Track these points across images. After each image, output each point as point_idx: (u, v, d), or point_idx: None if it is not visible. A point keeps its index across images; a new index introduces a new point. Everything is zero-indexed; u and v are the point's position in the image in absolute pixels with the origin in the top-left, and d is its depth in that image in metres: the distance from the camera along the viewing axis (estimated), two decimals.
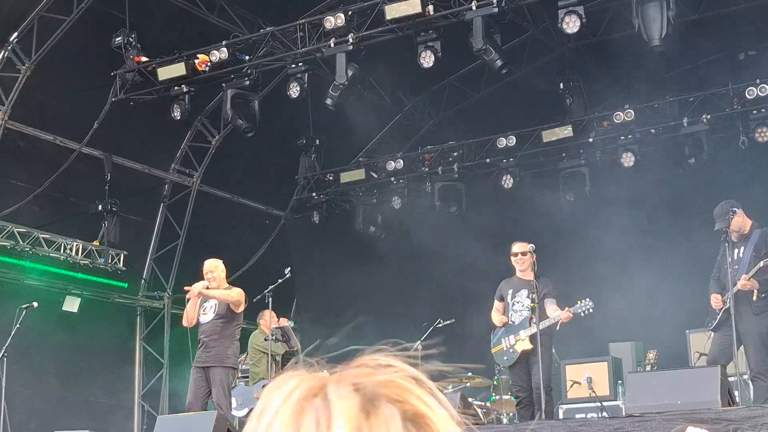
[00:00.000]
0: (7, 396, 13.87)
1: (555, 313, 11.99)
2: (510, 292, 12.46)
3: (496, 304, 12.65)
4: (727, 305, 11.36)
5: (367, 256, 19.85)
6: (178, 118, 16.85)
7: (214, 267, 12.82)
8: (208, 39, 16.54)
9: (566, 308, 12.00)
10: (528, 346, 12.10)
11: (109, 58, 16.54)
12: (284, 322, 15.05)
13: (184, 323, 13.03)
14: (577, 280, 14.72)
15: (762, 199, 14.85)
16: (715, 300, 11.68)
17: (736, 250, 11.73)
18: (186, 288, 12.92)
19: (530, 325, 12.12)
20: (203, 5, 17.13)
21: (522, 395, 12.40)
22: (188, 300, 12.78)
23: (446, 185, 19.52)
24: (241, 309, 12.67)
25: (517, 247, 12.50)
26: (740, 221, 11.71)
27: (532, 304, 12.12)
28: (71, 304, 17.74)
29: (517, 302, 12.37)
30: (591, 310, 12.07)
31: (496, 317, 12.61)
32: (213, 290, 12.63)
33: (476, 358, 16.46)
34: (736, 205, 11.75)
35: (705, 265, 13.37)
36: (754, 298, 11.35)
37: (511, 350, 12.39)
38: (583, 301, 12.08)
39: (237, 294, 12.61)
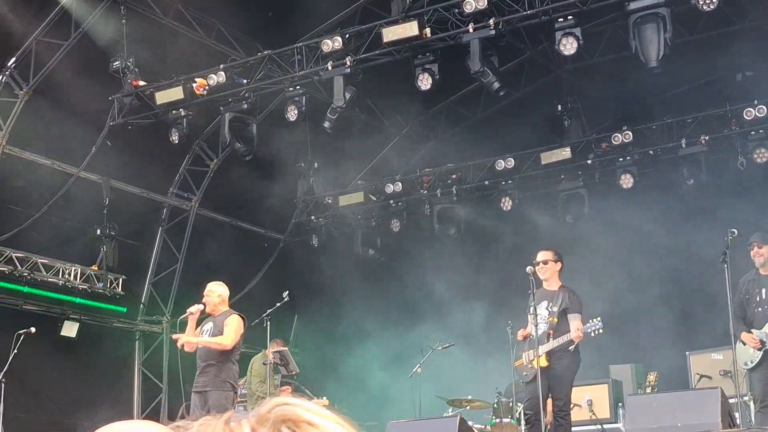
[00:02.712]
0: (5, 421, 13.82)
1: (573, 333, 11.75)
2: (533, 303, 12.11)
3: (529, 316, 12.36)
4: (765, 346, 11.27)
5: (366, 279, 19.82)
6: (176, 141, 16.82)
7: (209, 291, 12.73)
8: (205, 63, 16.55)
9: (576, 328, 11.78)
10: (544, 363, 11.83)
11: (107, 82, 16.53)
12: (278, 345, 14.93)
13: (186, 349, 12.96)
14: None
15: (761, 220, 14.82)
16: (752, 340, 11.50)
17: (764, 290, 11.60)
18: (175, 337, 12.85)
19: (548, 341, 11.83)
20: (201, 29, 17.15)
21: (530, 413, 12.14)
22: (181, 323, 12.76)
23: (445, 208, 19.49)
24: (236, 340, 12.57)
25: (538, 255, 12.22)
26: (766, 255, 11.56)
27: (550, 318, 11.90)
28: (69, 329, 17.70)
29: (539, 315, 12.02)
30: (601, 331, 11.82)
31: (521, 330, 12.33)
32: (203, 339, 12.49)
33: (477, 380, 16.45)
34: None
35: (705, 286, 13.34)
36: None
37: (529, 366, 12.16)
38: (594, 320, 11.86)
39: (226, 337, 12.45)
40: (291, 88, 16.10)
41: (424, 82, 14.87)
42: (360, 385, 18.10)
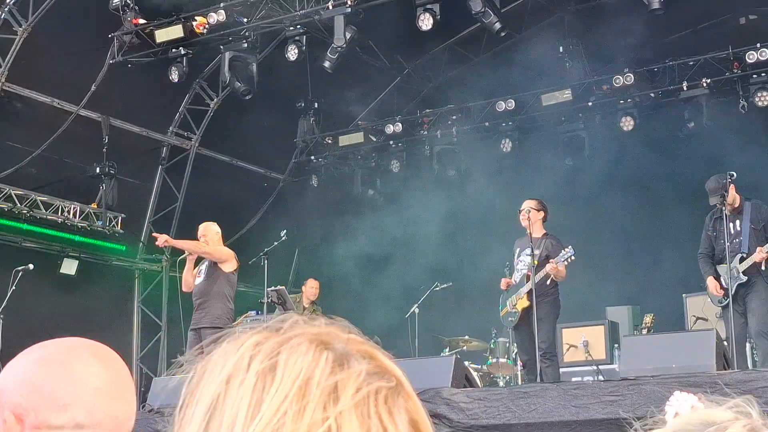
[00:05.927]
0: (2, 357, 13.87)
1: (548, 266, 11.89)
2: (518, 250, 12.34)
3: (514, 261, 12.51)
4: (734, 282, 11.37)
5: (366, 219, 19.84)
6: (176, 80, 16.79)
7: (207, 230, 12.85)
8: (206, 1, 16.45)
9: (550, 260, 11.92)
10: (526, 303, 12.02)
11: (107, 20, 16.44)
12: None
13: (184, 288, 13.08)
14: (574, 245, 14.72)
15: (761, 163, 14.82)
16: (716, 288, 11.64)
17: (731, 224, 11.69)
18: (154, 235, 13.13)
19: (527, 282, 12.05)
20: None
21: (525, 358, 12.34)
22: (160, 245, 13.05)
23: (445, 149, 19.45)
24: (228, 268, 12.71)
25: (523, 204, 12.39)
26: (733, 194, 11.66)
27: (533, 262, 12.00)
28: (69, 267, 17.77)
29: (521, 261, 12.25)
30: (573, 258, 11.92)
31: (504, 280, 12.50)
32: (180, 241, 12.83)
33: (474, 320, 16.52)
34: (729, 178, 11.68)
35: (702, 229, 13.32)
36: (764, 267, 11.35)
37: (513, 311, 12.32)
38: (565, 249, 11.97)
39: (215, 250, 12.68)
40: (291, 28, 16.05)
41: (425, 23, 14.80)
42: (358, 325, 18.15)
